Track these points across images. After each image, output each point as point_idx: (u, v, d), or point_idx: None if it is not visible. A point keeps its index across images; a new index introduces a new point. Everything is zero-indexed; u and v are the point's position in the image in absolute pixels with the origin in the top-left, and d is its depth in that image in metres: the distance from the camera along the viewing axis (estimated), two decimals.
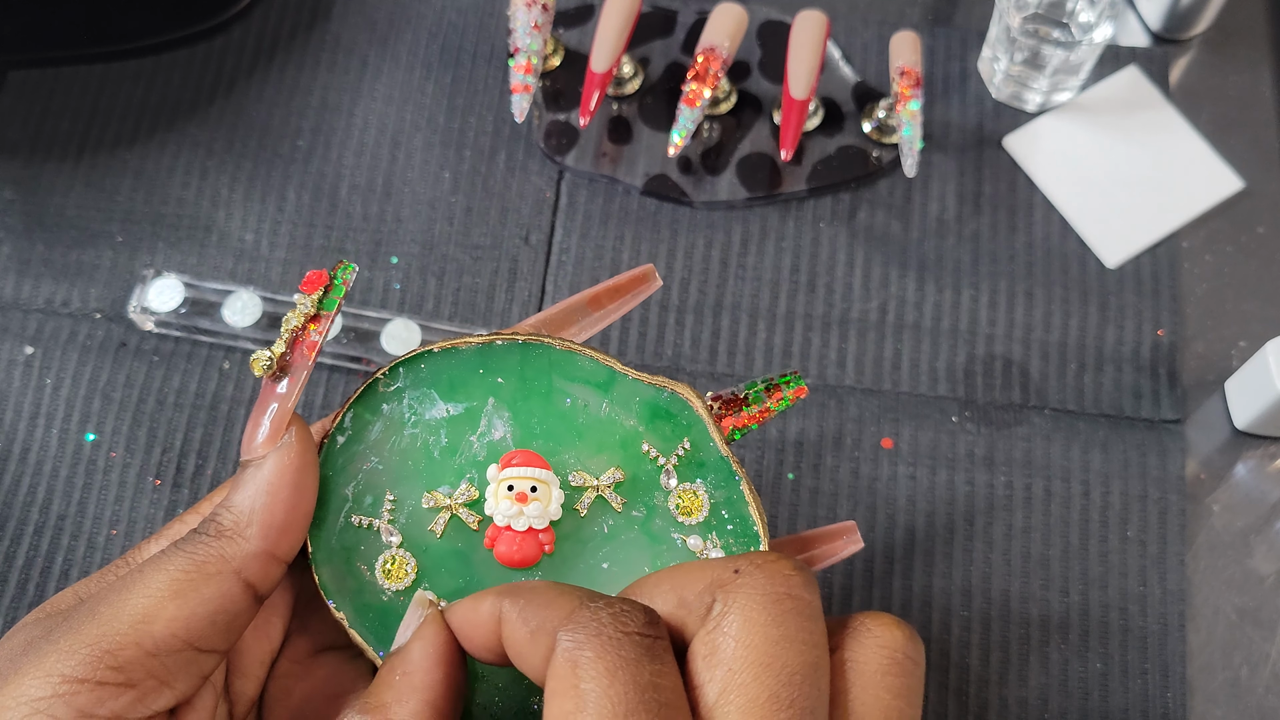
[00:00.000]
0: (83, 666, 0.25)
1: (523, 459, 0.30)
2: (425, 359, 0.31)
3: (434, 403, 0.31)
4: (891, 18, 0.52)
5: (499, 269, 0.47)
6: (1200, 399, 0.45)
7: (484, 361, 0.31)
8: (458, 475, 0.31)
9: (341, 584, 0.30)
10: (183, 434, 0.44)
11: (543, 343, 0.31)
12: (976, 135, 0.49)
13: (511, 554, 0.30)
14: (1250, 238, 0.47)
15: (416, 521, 0.31)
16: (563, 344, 0.31)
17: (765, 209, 0.48)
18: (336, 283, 0.30)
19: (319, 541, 0.30)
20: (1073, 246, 0.47)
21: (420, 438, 0.31)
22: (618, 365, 0.31)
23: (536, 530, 0.30)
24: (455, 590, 0.30)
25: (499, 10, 0.52)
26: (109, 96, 0.50)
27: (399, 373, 0.31)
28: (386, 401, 0.31)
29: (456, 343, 0.31)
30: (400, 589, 0.30)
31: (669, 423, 0.31)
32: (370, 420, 0.31)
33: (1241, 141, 0.49)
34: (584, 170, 0.48)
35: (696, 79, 0.45)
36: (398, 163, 0.49)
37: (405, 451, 0.31)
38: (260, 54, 0.51)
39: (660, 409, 0.31)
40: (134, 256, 0.47)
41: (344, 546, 0.31)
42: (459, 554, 0.31)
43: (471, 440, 0.31)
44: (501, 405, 0.31)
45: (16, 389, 0.44)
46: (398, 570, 0.31)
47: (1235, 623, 0.42)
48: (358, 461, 0.31)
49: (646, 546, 0.31)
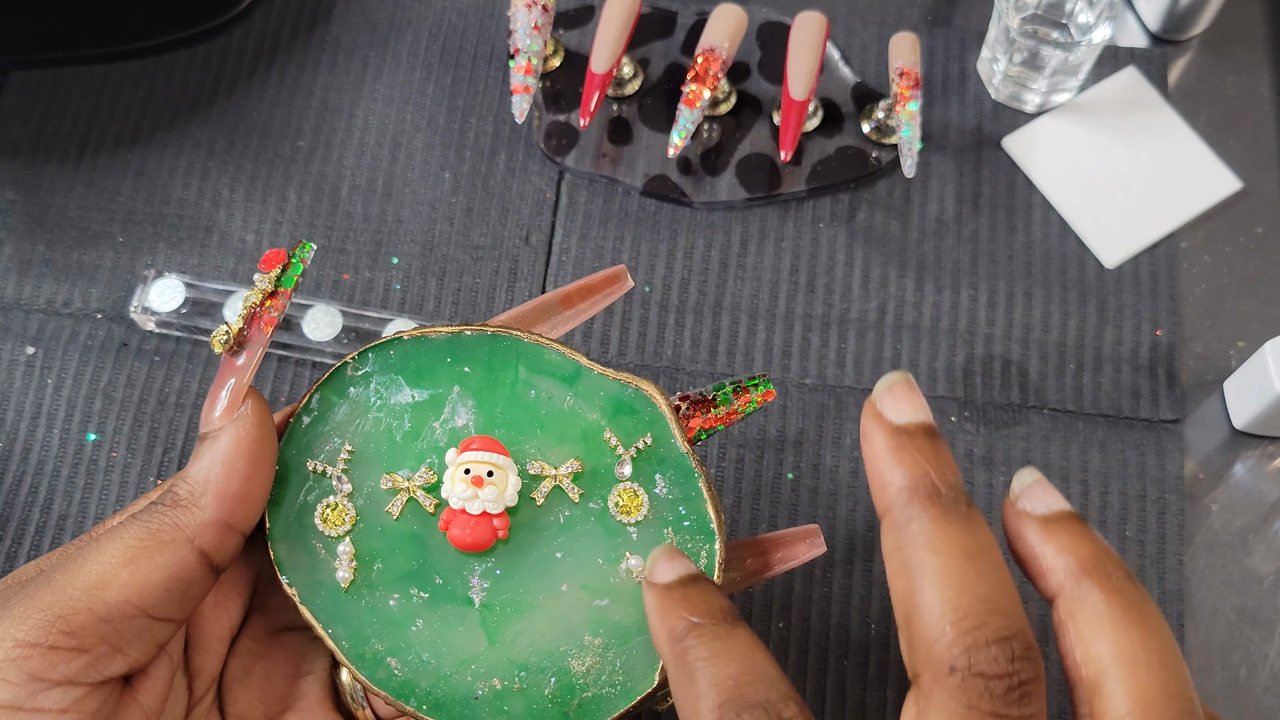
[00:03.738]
0: (35, 631, 0.26)
1: (481, 444, 0.31)
2: (395, 345, 0.32)
3: (400, 388, 0.32)
4: (890, 19, 0.52)
5: (499, 269, 0.47)
6: (1199, 399, 0.45)
7: (452, 351, 0.32)
8: (418, 459, 0.31)
9: (296, 560, 0.30)
10: (184, 434, 0.44)
11: (511, 335, 0.32)
12: (975, 136, 0.49)
13: (464, 537, 0.30)
14: (1249, 238, 0.47)
15: (374, 503, 0.31)
16: (530, 337, 0.32)
17: (765, 209, 0.48)
18: (294, 261, 0.31)
19: (277, 518, 0.31)
20: (1071, 247, 0.47)
21: (384, 421, 0.31)
22: (583, 360, 0.32)
23: (491, 515, 0.30)
24: (408, 572, 0.31)
25: (499, 11, 0.52)
26: (110, 97, 0.50)
27: (368, 357, 0.32)
28: (354, 385, 0.32)
29: (427, 331, 0.32)
30: (333, 535, 0.31)
31: (632, 418, 0.31)
32: (336, 403, 0.32)
33: (1240, 142, 0.49)
34: (584, 171, 0.48)
35: (696, 80, 0.45)
36: (398, 163, 0.49)
37: (369, 434, 0.31)
38: (261, 55, 0.51)
39: (624, 404, 0.31)
40: (135, 257, 0.47)
41: (301, 525, 0.31)
42: (414, 536, 0.31)
43: (434, 426, 0.31)
44: (466, 393, 0.32)
45: (18, 389, 0.45)
46: (335, 517, 0.31)
47: (1234, 623, 0.42)
48: (321, 442, 0.31)
49: (602, 538, 0.31)
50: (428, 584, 0.31)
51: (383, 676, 0.30)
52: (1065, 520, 0.25)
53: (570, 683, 0.30)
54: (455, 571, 0.31)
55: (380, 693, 0.30)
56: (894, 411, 0.26)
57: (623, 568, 0.30)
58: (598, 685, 0.30)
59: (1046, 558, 0.25)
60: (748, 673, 0.25)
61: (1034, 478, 0.26)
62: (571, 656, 0.30)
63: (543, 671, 0.30)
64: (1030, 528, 0.26)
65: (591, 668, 0.30)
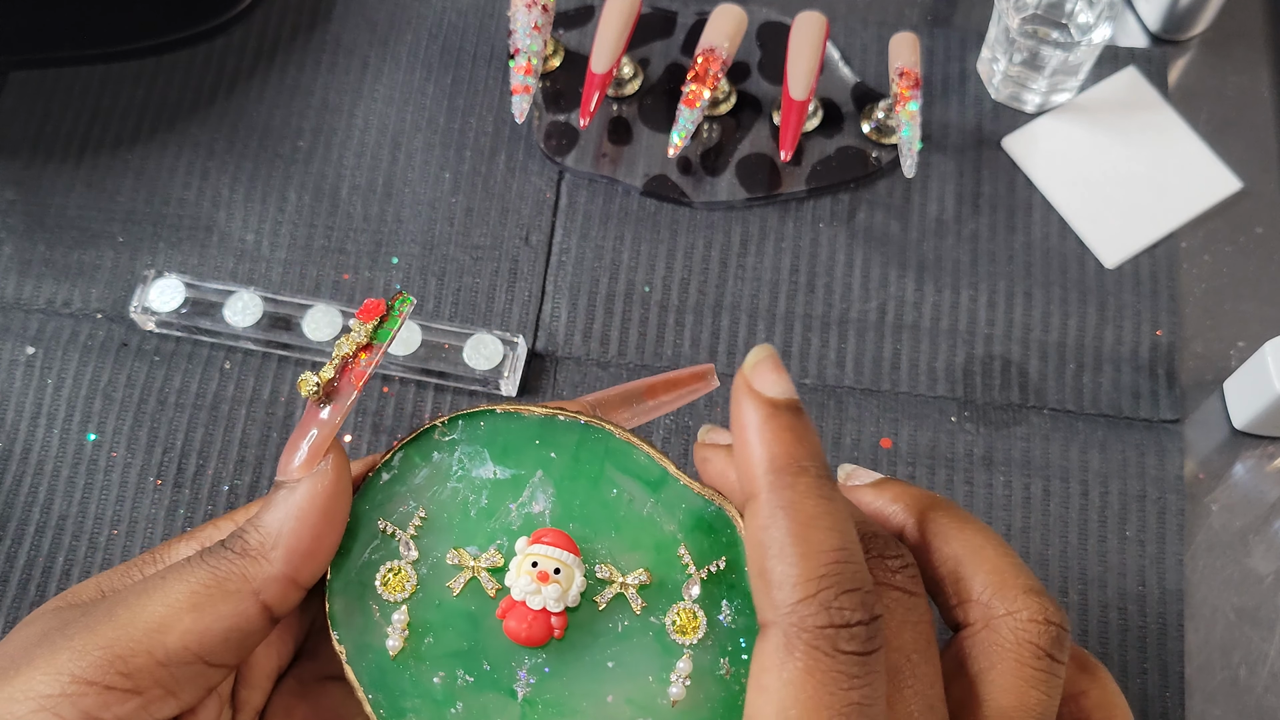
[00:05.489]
0: (93, 669, 0.26)
1: (553, 539, 0.30)
2: (486, 417, 0.32)
3: (484, 462, 0.31)
4: (890, 19, 0.52)
5: (499, 269, 0.47)
6: (1199, 399, 0.45)
7: (542, 433, 0.32)
8: (488, 539, 0.31)
9: (350, 619, 0.30)
10: (183, 434, 0.44)
11: (604, 428, 0.31)
12: (975, 136, 0.49)
13: (520, 631, 0.30)
14: (1249, 238, 0.47)
15: (437, 574, 0.31)
16: (623, 435, 0.31)
17: (765, 209, 0.48)
18: (393, 313, 0.30)
19: (339, 571, 0.30)
20: (1071, 247, 0.47)
21: (462, 493, 0.31)
22: (672, 468, 0.31)
23: (551, 613, 0.30)
24: (458, 652, 0.30)
25: (499, 11, 0.52)
26: (110, 97, 0.50)
27: (458, 425, 0.32)
28: (438, 450, 0.31)
29: (520, 408, 0.31)
30: (391, 600, 0.30)
31: (709, 537, 0.31)
32: (419, 465, 0.31)
33: (1240, 142, 0.49)
34: (584, 171, 0.48)
35: (696, 80, 0.45)
36: (398, 163, 0.49)
37: (444, 503, 0.31)
38: (261, 55, 0.51)
39: (704, 521, 0.31)
40: (135, 257, 0.47)
41: (361, 583, 0.30)
42: (470, 616, 0.30)
43: (510, 508, 0.31)
44: (548, 480, 0.31)
45: (18, 389, 0.45)
46: (396, 582, 0.30)
47: (1234, 622, 0.42)
48: (396, 502, 0.31)
49: (656, 655, 0.30)
50: (475, 668, 0.30)
51: None
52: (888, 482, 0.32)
53: None
54: (504, 660, 0.30)
55: None
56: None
57: (671, 691, 0.30)
58: None
59: (887, 511, 0.31)
60: (850, 551, 0.26)
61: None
62: None
63: None
64: (865, 494, 0.31)
65: None
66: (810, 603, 0.25)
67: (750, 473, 0.27)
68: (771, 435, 0.27)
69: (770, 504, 0.26)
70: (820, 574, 0.25)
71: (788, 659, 0.25)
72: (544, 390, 0.44)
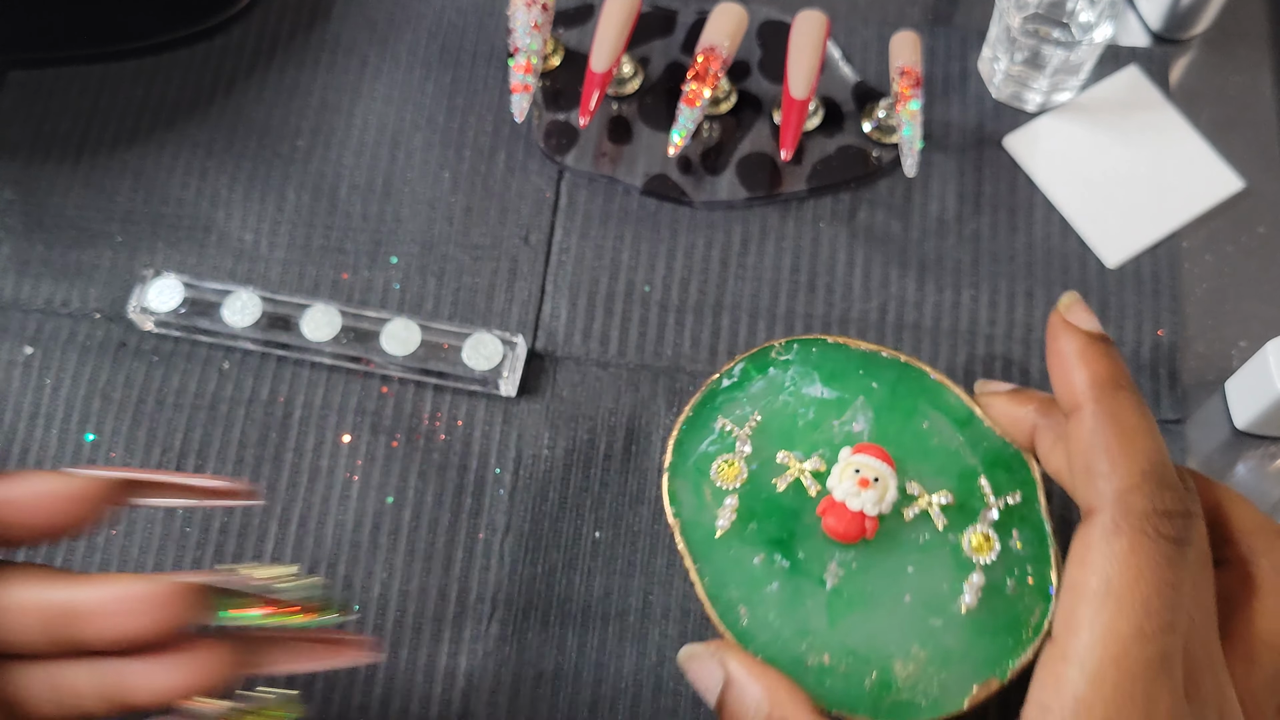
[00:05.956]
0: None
1: (874, 452, 0.34)
2: (818, 344, 0.37)
3: (813, 382, 0.36)
4: (891, 18, 0.52)
5: (499, 269, 0.47)
6: (1200, 399, 0.45)
7: (865, 365, 0.36)
8: (811, 447, 0.35)
9: (685, 498, 0.35)
10: (182, 434, 0.44)
11: (921, 369, 0.36)
12: (976, 135, 0.49)
13: (838, 527, 0.34)
14: (1251, 238, 0.47)
15: (765, 471, 0.35)
16: (937, 376, 0.36)
17: (765, 209, 0.48)
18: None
19: (680, 457, 0.36)
20: (1073, 246, 0.47)
21: (792, 406, 0.36)
22: (978, 410, 0.36)
23: (866, 515, 0.34)
24: (777, 539, 0.34)
25: (498, 10, 0.52)
26: (108, 97, 0.50)
27: (793, 348, 0.37)
28: (774, 366, 0.37)
29: (848, 341, 0.37)
30: (724, 487, 0.35)
31: (1006, 473, 0.35)
32: (755, 376, 0.36)
33: (1241, 141, 0.49)
34: (584, 170, 0.48)
35: (696, 79, 0.45)
36: (397, 162, 0.49)
37: (776, 412, 0.36)
38: (260, 54, 0.51)
39: (1003, 459, 0.35)
40: (133, 256, 0.47)
41: (699, 470, 0.35)
42: (791, 511, 0.35)
43: (834, 424, 0.36)
44: (869, 405, 0.36)
45: (16, 389, 0.44)
46: (730, 472, 0.35)
47: None
48: (734, 405, 0.36)
49: (951, 568, 0.34)
50: (791, 555, 0.34)
51: (730, 620, 0.34)
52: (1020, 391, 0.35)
53: (889, 681, 0.33)
54: (818, 553, 0.34)
55: (725, 632, 0.34)
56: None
57: (963, 599, 0.33)
58: (911, 692, 0.32)
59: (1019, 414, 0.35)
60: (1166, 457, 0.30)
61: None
62: (897, 659, 0.33)
63: (868, 663, 0.33)
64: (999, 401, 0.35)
65: (911, 674, 0.33)
66: (1136, 492, 0.29)
67: (1073, 389, 0.31)
68: (1094, 358, 0.31)
69: (1096, 414, 0.30)
70: (1144, 469, 0.29)
71: (1114, 538, 0.29)
72: (544, 390, 0.44)
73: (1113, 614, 0.28)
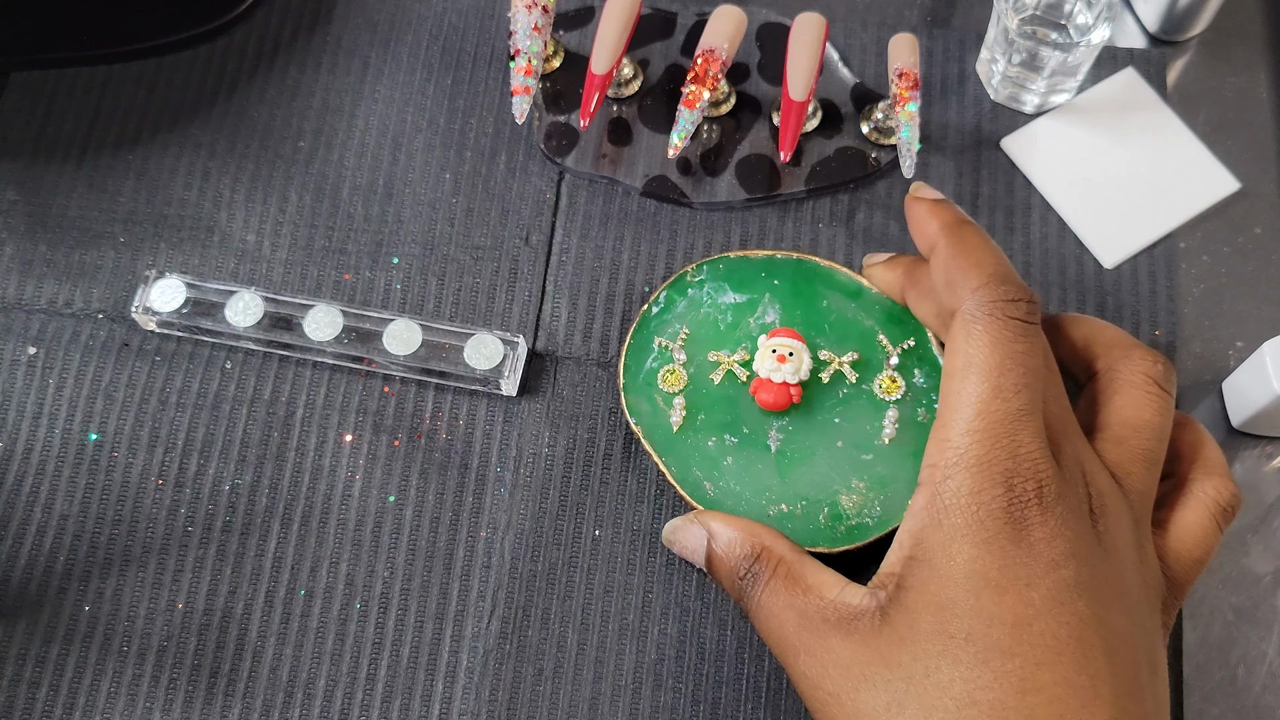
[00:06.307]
0: None
1: (785, 333, 0.41)
2: (724, 261, 0.44)
3: (725, 292, 0.43)
4: (890, 20, 0.52)
5: (499, 269, 0.47)
6: (1197, 399, 0.45)
7: (767, 268, 0.43)
8: (735, 343, 0.42)
9: (641, 408, 0.42)
10: (185, 434, 0.44)
11: (812, 260, 0.43)
12: (974, 137, 0.49)
13: (769, 399, 0.40)
14: (1247, 238, 0.48)
15: (701, 372, 0.42)
16: (826, 263, 0.43)
17: (764, 210, 0.48)
18: None
19: (630, 378, 0.42)
20: (1070, 247, 0.47)
21: (713, 315, 0.43)
22: (865, 282, 0.43)
23: (790, 385, 0.40)
24: (724, 423, 0.41)
25: (499, 12, 0.52)
26: (111, 98, 0.50)
27: (704, 269, 0.44)
28: (691, 287, 0.43)
29: (748, 253, 0.44)
30: (671, 392, 0.41)
31: (899, 326, 0.42)
32: (677, 300, 0.43)
33: (1238, 143, 0.49)
34: (584, 171, 0.48)
35: (696, 81, 0.45)
36: (399, 164, 0.49)
37: (700, 323, 0.43)
38: (262, 56, 0.51)
39: (894, 315, 0.42)
40: (136, 257, 0.47)
41: (648, 384, 0.42)
42: (730, 398, 0.41)
43: (749, 321, 0.42)
44: (775, 299, 0.43)
45: (19, 389, 0.45)
46: (673, 379, 0.42)
47: (1232, 622, 0.42)
48: (665, 326, 0.43)
49: (869, 411, 0.41)
50: (737, 432, 0.41)
51: (699, 495, 0.40)
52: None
53: (839, 513, 0.39)
54: (759, 425, 0.41)
55: (697, 506, 0.40)
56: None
57: (884, 434, 0.40)
58: (860, 517, 0.39)
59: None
60: (1008, 264, 0.37)
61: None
62: (842, 494, 0.40)
63: (818, 503, 0.40)
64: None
65: (856, 503, 0.39)
66: (984, 288, 0.36)
67: (929, 235, 0.38)
68: (940, 210, 0.39)
69: (948, 243, 0.38)
70: (990, 273, 0.36)
71: (971, 324, 0.35)
72: (545, 389, 0.44)
73: (975, 381, 0.34)
